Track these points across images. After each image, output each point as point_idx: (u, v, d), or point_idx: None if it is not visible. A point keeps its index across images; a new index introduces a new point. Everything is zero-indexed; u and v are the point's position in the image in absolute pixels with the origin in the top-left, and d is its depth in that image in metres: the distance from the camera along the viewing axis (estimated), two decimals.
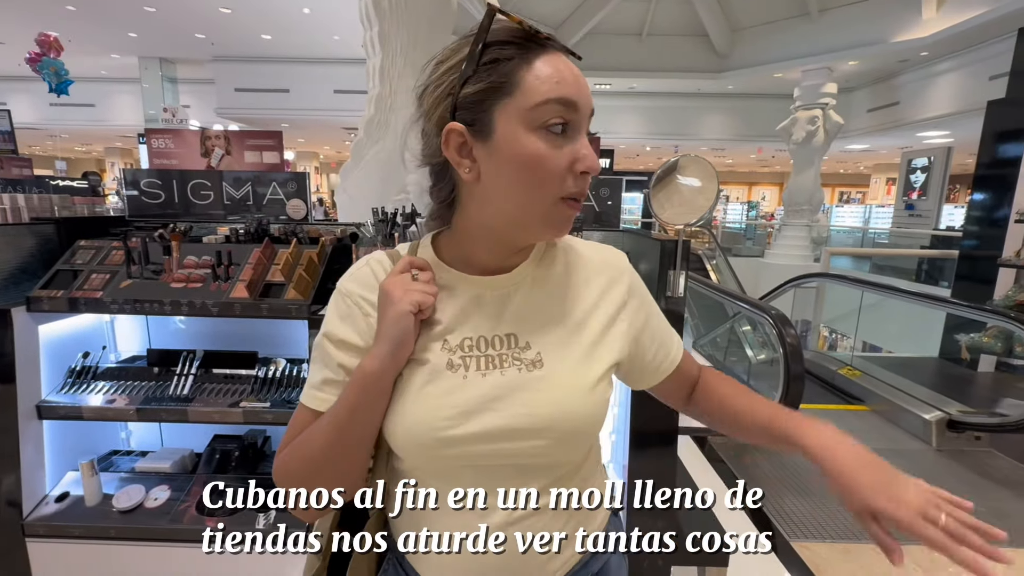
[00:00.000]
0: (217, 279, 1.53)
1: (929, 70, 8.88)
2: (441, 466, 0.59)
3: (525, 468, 0.60)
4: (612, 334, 0.64)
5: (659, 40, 10.00)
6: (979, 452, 3.05)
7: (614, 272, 0.68)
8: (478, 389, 0.58)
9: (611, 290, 0.66)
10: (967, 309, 3.57)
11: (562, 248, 0.68)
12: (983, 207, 4.76)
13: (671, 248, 1.44)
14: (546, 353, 0.60)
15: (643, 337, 0.68)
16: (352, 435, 0.57)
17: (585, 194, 0.57)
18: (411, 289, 0.57)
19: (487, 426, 0.56)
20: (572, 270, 0.66)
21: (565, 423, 0.58)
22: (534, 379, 0.59)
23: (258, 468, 1.76)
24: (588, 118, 0.56)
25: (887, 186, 17.37)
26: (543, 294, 0.63)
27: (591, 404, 0.60)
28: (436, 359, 0.59)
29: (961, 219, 10.40)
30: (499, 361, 0.60)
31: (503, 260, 0.63)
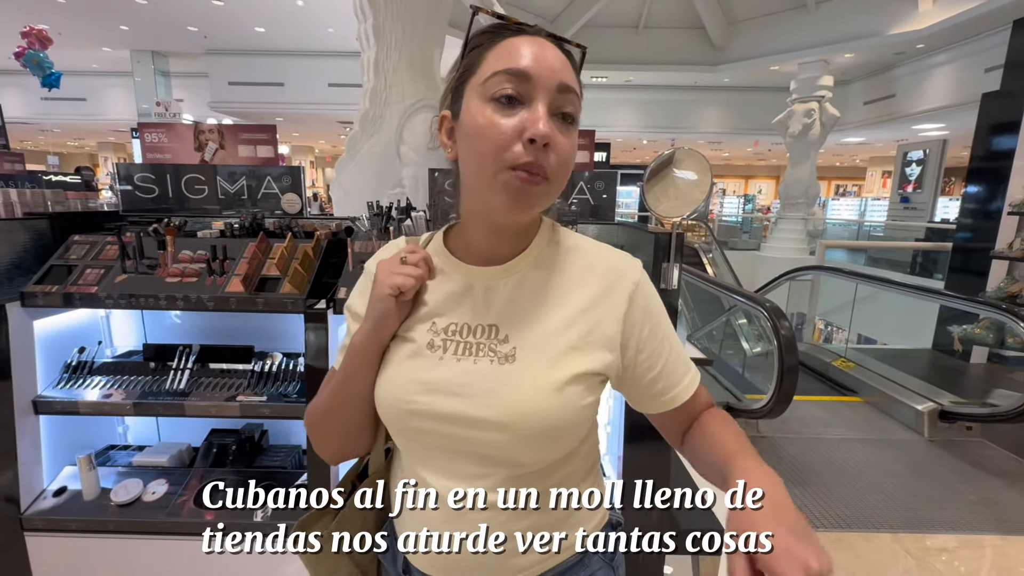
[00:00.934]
0: (212, 274, 1.53)
1: (925, 63, 8.89)
2: (411, 440, 0.63)
3: (489, 459, 0.60)
4: (595, 341, 0.61)
5: (655, 33, 9.97)
6: (970, 442, 3.09)
7: (614, 279, 0.63)
8: (448, 372, 0.61)
9: (607, 297, 0.62)
10: (960, 301, 3.59)
11: (567, 247, 0.66)
12: (977, 200, 4.79)
13: (665, 241, 1.45)
14: (521, 349, 0.60)
15: (640, 357, 0.63)
16: (346, 396, 0.65)
17: (541, 165, 0.53)
18: (395, 272, 0.62)
19: (448, 408, 0.59)
20: (570, 270, 0.64)
21: (525, 422, 0.57)
22: (503, 372, 0.59)
23: (255, 462, 1.76)
24: (551, 91, 0.54)
25: (883, 179, 17.41)
26: (533, 290, 0.63)
27: (556, 407, 0.58)
28: (420, 338, 0.63)
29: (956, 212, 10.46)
30: (475, 349, 0.61)
31: (497, 247, 0.64)
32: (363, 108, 3.74)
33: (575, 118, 0.57)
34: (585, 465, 0.67)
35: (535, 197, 0.55)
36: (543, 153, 0.53)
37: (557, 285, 0.63)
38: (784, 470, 2.75)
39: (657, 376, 0.64)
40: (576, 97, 0.57)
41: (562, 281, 0.63)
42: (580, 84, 0.60)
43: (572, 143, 0.57)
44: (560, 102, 0.55)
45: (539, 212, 0.60)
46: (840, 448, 3.02)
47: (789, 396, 2.65)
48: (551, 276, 0.64)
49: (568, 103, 0.56)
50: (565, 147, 0.55)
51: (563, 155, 0.55)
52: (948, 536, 2.22)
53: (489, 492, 0.60)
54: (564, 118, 0.56)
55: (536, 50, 0.55)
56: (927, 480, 2.69)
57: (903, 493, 2.56)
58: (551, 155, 0.54)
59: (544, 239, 0.66)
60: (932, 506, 2.45)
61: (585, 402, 0.60)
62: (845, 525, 2.28)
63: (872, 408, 3.61)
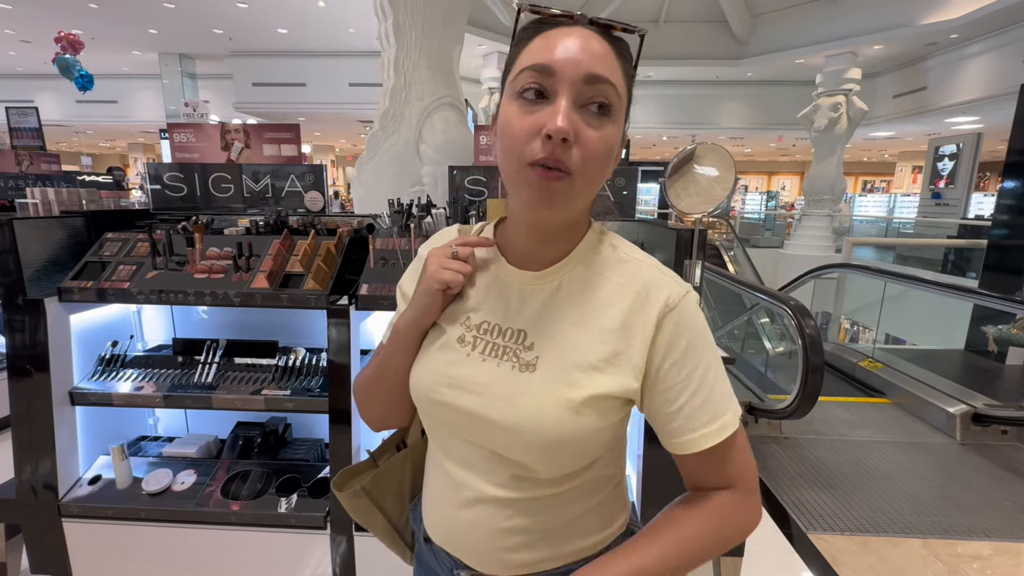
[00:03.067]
0: (238, 270, 1.57)
1: (958, 53, 8.56)
2: (435, 425, 0.65)
3: (500, 458, 0.60)
4: (620, 365, 0.58)
5: (676, 27, 9.81)
6: (1005, 446, 2.98)
7: (647, 300, 0.59)
8: (471, 370, 0.61)
9: (638, 319, 0.58)
10: (996, 300, 3.46)
11: (611, 259, 0.62)
12: (1014, 195, 4.60)
13: (687, 237, 1.43)
14: (543, 359, 0.59)
15: (657, 387, 0.58)
16: (387, 372, 0.69)
17: (559, 160, 0.51)
18: (445, 267, 0.63)
19: (467, 405, 0.60)
20: (607, 285, 0.61)
21: (534, 433, 0.56)
22: (521, 380, 0.59)
23: (279, 455, 1.80)
24: (576, 83, 0.52)
25: (913, 174, 16.85)
26: (567, 301, 0.61)
27: (568, 425, 0.56)
28: (453, 331, 0.65)
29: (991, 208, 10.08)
30: (501, 352, 0.61)
31: (538, 249, 0.62)
32: (383, 107, 3.78)
33: (611, 108, 0.53)
34: (601, 478, 0.65)
35: (556, 194, 0.53)
36: (563, 148, 0.51)
37: (592, 299, 0.60)
38: (808, 471, 2.70)
39: (674, 413, 0.58)
40: (610, 87, 0.53)
41: (598, 296, 0.61)
42: (628, 72, 0.56)
43: (604, 136, 0.53)
44: (590, 93, 0.52)
45: (570, 210, 0.56)
46: (867, 450, 2.95)
47: (814, 396, 2.59)
48: (587, 289, 0.61)
49: (599, 94, 0.52)
50: (593, 141, 0.52)
51: (591, 149, 0.52)
52: (981, 543, 2.15)
53: (498, 488, 0.61)
54: (599, 109, 0.53)
55: (565, 42, 0.53)
56: (959, 485, 2.61)
57: (933, 497, 2.49)
58: (574, 150, 0.52)
59: (589, 246, 0.63)
60: (964, 512, 2.37)
61: (599, 425, 0.57)
62: (871, 529, 2.22)
63: (901, 410, 3.51)
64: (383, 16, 3.78)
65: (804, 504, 2.39)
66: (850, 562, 2.01)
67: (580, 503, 0.63)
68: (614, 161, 0.57)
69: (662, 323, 0.58)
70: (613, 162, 0.57)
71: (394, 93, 3.73)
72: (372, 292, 1.50)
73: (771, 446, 2.96)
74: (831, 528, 2.22)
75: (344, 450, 1.51)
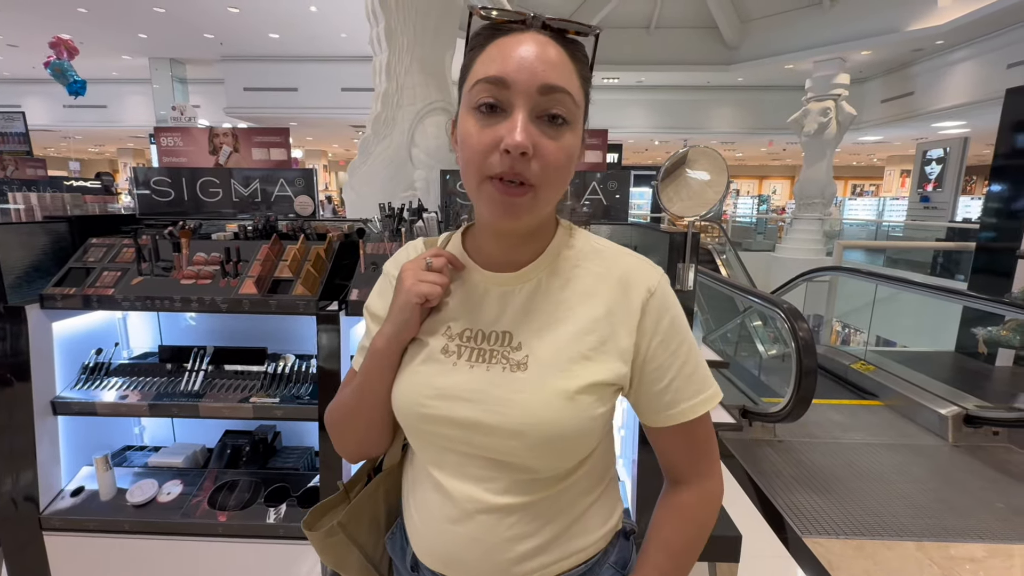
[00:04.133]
0: (226, 275, 1.54)
1: (945, 59, 8.70)
2: (425, 443, 0.64)
3: (500, 463, 0.59)
4: (608, 351, 0.60)
5: (667, 33, 9.89)
6: (997, 447, 3.00)
7: (629, 287, 0.61)
8: (460, 378, 0.60)
9: (621, 305, 0.61)
10: (985, 302, 3.49)
11: (585, 252, 0.64)
12: (1001, 198, 4.66)
13: (680, 241, 1.42)
14: (533, 357, 0.59)
15: (647, 367, 0.61)
16: (366, 397, 0.66)
17: (519, 173, 0.51)
18: (421, 280, 0.62)
19: (461, 414, 0.59)
20: (586, 276, 0.62)
21: (536, 430, 0.56)
22: (515, 380, 0.58)
23: (269, 463, 1.77)
24: (532, 95, 0.51)
25: (901, 178, 17.06)
26: (547, 297, 0.62)
27: (567, 417, 0.57)
28: (435, 343, 0.64)
29: (978, 211, 10.21)
30: (488, 356, 0.61)
31: (510, 253, 0.63)
32: (375, 111, 3.77)
33: (566, 119, 0.53)
34: (596, 471, 0.66)
35: (518, 208, 0.54)
36: (522, 162, 0.51)
37: (572, 292, 0.62)
38: (802, 474, 2.69)
39: (664, 389, 0.62)
40: (567, 96, 0.53)
41: (577, 288, 0.62)
42: (584, 75, 0.56)
43: (562, 146, 0.54)
44: (546, 104, 0.52)
45: (535, 219, 0.58)
46: (860, 453, 2.95)
47: (807, 400, 2.59)
48: (567, 283, 0.62)
49: (555, 104, 0.52)
50: (552, 151, 0.52)
51: (550, 160, 0.53)
52: (975, 545, 2.15)
53: (499, 495, 0.59)
54: (553, 120, 0.53)
55: (518, 52, 0.52)
56: (952, 487, 2.61)
57: (926, 499, 2.49)
58: (533, 163, 0.52)
59: (561, 243, 0.64)
60: (957, 514, 2.37)
61: (596, 412, 0.59)
62: (866, 532, 2.22)
63: (893, 412, 3.53)
64: (375, 20, 3.77)
65: (799, 508, 2.39)
66: (846, 566, 2.00)
67: (581, 500, 0.64)
68: (575, 166, 0.59)
69: (647, 308, 0.60)
70: (573, 167, 0.58)
71: (386, 97, 3.72)
72: (362, 298, 1.47)
73: (765, 449, 2.96)
74: (827, 532, 2.22)
75: (335, 459, 1.48)
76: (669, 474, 0.68)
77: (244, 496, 1.59)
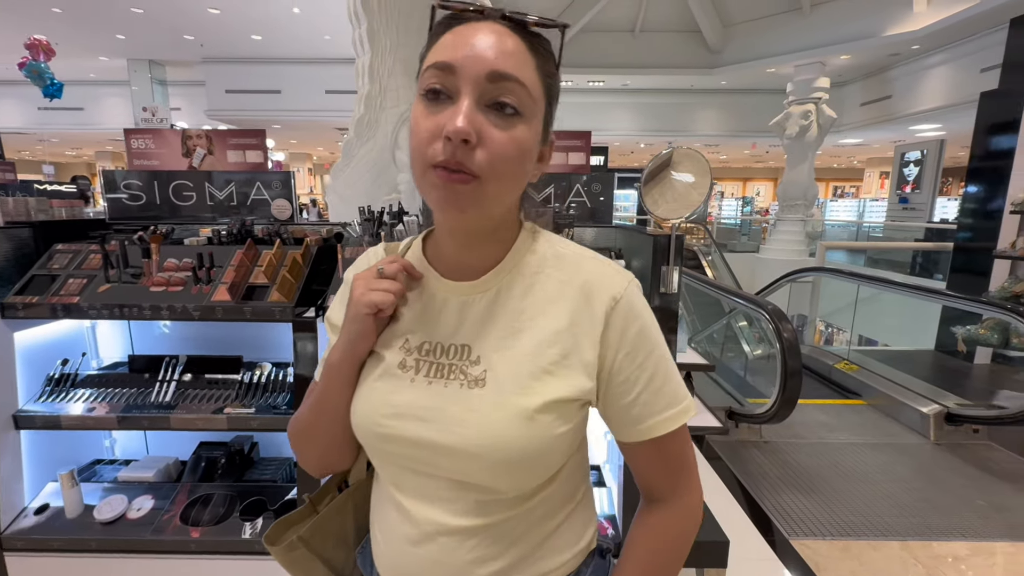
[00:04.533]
0: (198, 282, 1.49)
1: (921, 63, 8.89)
2: (384, 462, 0.61)
3: (461, 484, 0.56)
4: (572, 365, 0.56)
5: (652, 36, 9.97)
6: (978, 445, 3.04)
7: (591, 294, 0.57)
8: (417, 395, 0.57)
9: (584, 315, 0.56)
10: (964, 301, 3.55)
11: (547, 257, 0.60)
12: (977, 199, 4.76)
13: (664, 243, 1.40)
14: (491, 372, 0.56)
15: (615, 380, 0.57)
16: (325, 413, 0.63)
17: (460, 163, 0.48)
18: (372, 289, 0.58)
19: (417, 434, 0.55)
20: (547, 284, 0.58)
21: (494, 452, 0.53)
22: (472, 397, 0.55)
23: (245, 475, 1.71)
24: (479, 82, 0.49)
25: (881, 180, 17.40)
26: (507, 308, 0.58)
27: (525, 437, 0.53)
28: (392, 357, 0.60)
29: (954, 212, 10.43)
30: (447, 371, 0.57)
31: (468, 257, 0.60)
32: (358, 113, 3.71)
33: (518, 110, 0.50)
34: (565, 490, 0.62)
35: (463, 197, 0.50)
36: (464, 151, 0.48)
37: (533, 301, 0.58)
38: (788, 475, 2.70)
39: (632, 403, 0.58)
40: (519, 86, 0.50)
41: (538, 297, 0.58)
42: (546, 70, 0.53)
43: (513, 136, 0.50)
44: (494, 92, 0.49)
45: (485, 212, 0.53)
46: (845, 453, 2.97)
47: (793, 400, 2.60)
48: (528, 290, 0.58)
49: (504, 92, 0.49)
50: (500, 142, 0.49)
51: (497, 151, 0.49)
52: (958, 543, 2.16)
53: (460, 516, 0.56)
54: (501, 109, 0.50)
55: (470, 39, 0.50)
56: (935, 485, 2.64)
57: (910, 499, 2.51)
58: (478, 152, 0.49)
59: (523, 249, 0.60)
60: (940, 512, 2.39)
61: (558, 431, 0.55)
62: (852, 533, 2.23)
63: (876, 411, 3.56)
64: (357, 22, 3.72)
65: (786, 510, 2.38)
66: (832, 567, 2.00)
67: (548, 520, 0.60)
68: (532, 162, 0.55)
69: (611, 318, 0.56)
70: (530, 163, 0.54)
71: (369, 100, 3.67)
72: None
73: (752, 451, 2.96)
74: (813, 533, 2.22)
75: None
76: (644, 491, 0.64)
77: (219, 511, 1.53)
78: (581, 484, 0.65)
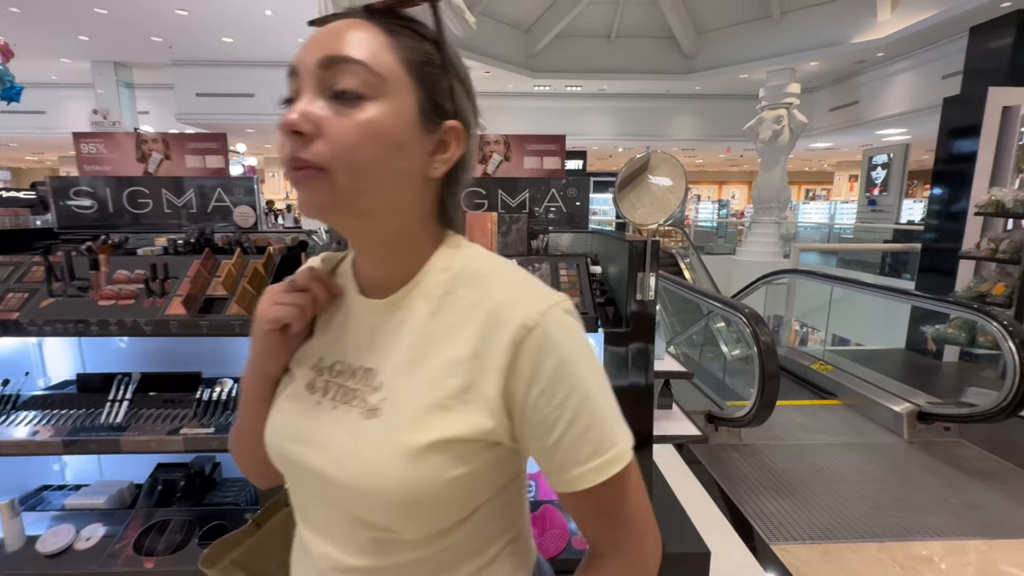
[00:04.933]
0: (151, 295, 1.40)
1: (886, 70, 9.18)
2: (291, 488, 0.58)
3: (359, 521, 0.50)
4: (472, 401, 0.48)
5: (627, 42, 10.08)
6: (949, 443, 3.10)
7: (499, 320, 0.49)
8: (319, 420, 0.53)
9: (488, 342, 0.48)
10: (931, 301, 3.63)
11: (465, 275, 0.53)
12: (942, 201, 4.89)
13: (640, 249, 1.37)
14: (388, 402, 0.50)
15: (532, 419, 0.48)
16: (245, 428, 0.61)
17: (296, 158, 0.45)
18: (276, 303, 0.55)
19: (312, 462, 0.51)
20: (459, 306, 0.51)
21: (378, 492, 0.47)
22: (364, 429, 0.49)
23: (206, 499, 1.62)
24: (313, 72, 0.46)
25: (850, 183, 17.92)
26: (415, 330, 0.52)
27: (411, 479, 0.46)
28: (302, 376, 0.56)
29: (920, 213, 10.78)
30: (351, 397, 0.52)
31: (377, 270, 0.55)
32: None
33: (360, 93, 0.45)
34: (487, 531, 0.54)
35: (314, 192, 0.46)
36: (299, 143, 0.45)
37: (441, 326, 0.51)
38: (768, 479, 2.70)
39: (552, 448, 0.49)
40: (357, 66, 0.45)
41: (447, 320, 0.51)
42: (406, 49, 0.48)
43: (361, 121, 0.45)
44: (330, 79, 0.46)
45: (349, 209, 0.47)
46: (822, 454, 2.99)
47: (771, 403, 2.61)
48: (437, 312, 0.52)
49: (340, 75, 0.45)
50: (342, 129, 0.45)
51: (340, 139, 0.45)
52: (935, 543, 2.18)
53: (358, 555, 0.51)
54: (346, 94, 0.45)
55: (313, 36, 0.48)
56: (910, 485, 2.67)
57: (886, 499, 2.53)
58: (318, 143, 0.45)
59: (440, 264, 0.54)
60: (916, 512, 2.42)
61: (452, 474, 0.47)
62: (831, 536, 2.23)
63: (851, 411, 3.61)
64: None
65: (766, 514, 2.38)
66: (812, 572, 1.99)
67: (465, 563, 0.53)
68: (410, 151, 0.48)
69: (520, 348, 0.48)
70: (405, 152, 0.48)
71: None
72: None
73: (731, 454, 2.96)
74: (793, 537, 2.21)
75: (278, 490, 1.36)
76: (587, 541, 0.56)
77: (175, 537, 1.44)
78: (507, 530, 0.56)
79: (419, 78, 0.48)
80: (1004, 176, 4.44)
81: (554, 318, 0.49)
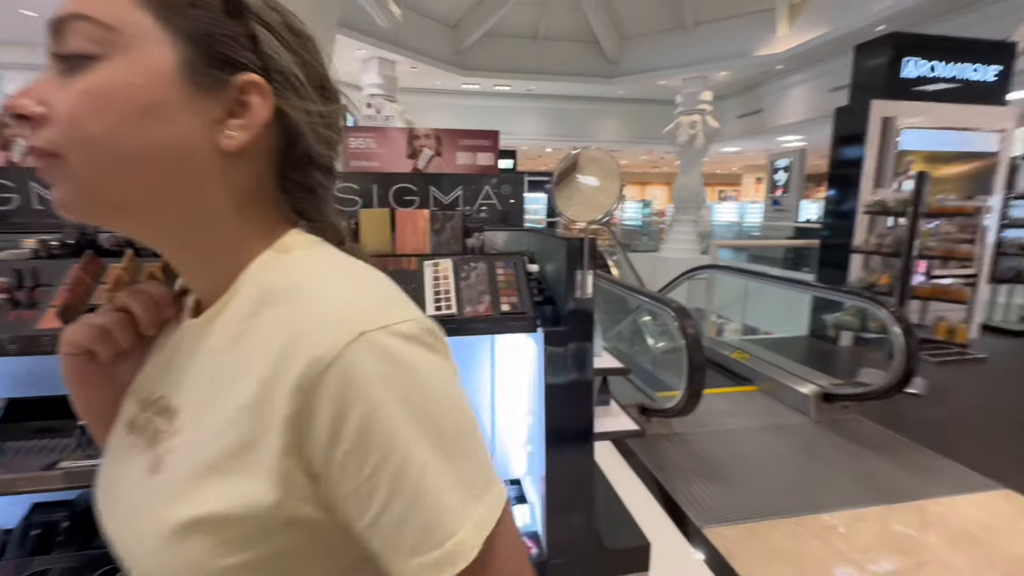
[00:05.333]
0: (17, 306, 1.18)
1: (784, 81, 10.08)
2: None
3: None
4: (251, 463, 0.36)
5: (554, 44, 10.28)
6: (849, 420, 3.42)
7: (289, 354, 0.36)
8: (120, 471, 0.44)
9: (276, 383, 0.36)
10: (832, 292, 4.00)
11: (274, 291, 0.40)
12: (836, 202, 5.42)
13: (577, 247, 1.36)
14: (175, 453, 0.39)
15: (339, 491, 0.36)
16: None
17: (30, 148, 0.38)
18: (87, 323, 0.46)
19: (103, 520, 0.44)
20: (259, 332, 0.39)
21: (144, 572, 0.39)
22: (144, 488, 0.40)
23: (95, 541, 1.40)
24: (48, 46, 0.38)
25: (756, 185, 19.53)
26: (216, 362, 0.41)
27: (168, 565, 0.36)
28: (126, 412, 0.47)
29: (816, 213, 11.94)
30: (156, 442, 0.42)
31: (187, 279, 0.48)
32: None
33: (85, 52, 0.36)
34: None
35: (58, 184, 0.37)
36: (31, 130, 0.36)
37: (237, 358, 0.40)
38: (697, 465, 2.83)
39: (369, 529, 0.35)
40: (80, 21, 0.36)
41: (244, 352, 0.39)
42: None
43: (85, 88, 0.35)
44: (60, 48, 0.37)
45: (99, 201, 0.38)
46: (743, 437, 3.19)
47: (699, 393, 2.73)
48: (237, 340, 0.40)
49: (67, 39, 0.36)
50: (65, 104, 0.35)
51: (66, 116, 0.35)
52: (841, 513, 2.39)
53: None
54: (68, 62, 0.36)
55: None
56: (819, 461, 2.91)
57: (799, 477, 2.74)
58: (45, 128, 0.36)
59: (250, 280, 0.42)
60: (825, 486, 2.64)
61: (225, 563, 0.35)
62: (754, 515, 2.37)
63: (766, 396, 3.89)
64: None
65: (696, 499, 2.48)
66: (742, 552, 2.10)
67: None
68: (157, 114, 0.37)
69: (312, 393, 0.35)
70: (146, 115, 0.36)
71: None
72: None
73: (664, 444, 3.08)
74: (722, 520, 2.32)
75: None
76: None
77: None
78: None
79: (178, 24, 0.37)
80: (886, 179, 5.00)
81: (365, 350, 0.35)
